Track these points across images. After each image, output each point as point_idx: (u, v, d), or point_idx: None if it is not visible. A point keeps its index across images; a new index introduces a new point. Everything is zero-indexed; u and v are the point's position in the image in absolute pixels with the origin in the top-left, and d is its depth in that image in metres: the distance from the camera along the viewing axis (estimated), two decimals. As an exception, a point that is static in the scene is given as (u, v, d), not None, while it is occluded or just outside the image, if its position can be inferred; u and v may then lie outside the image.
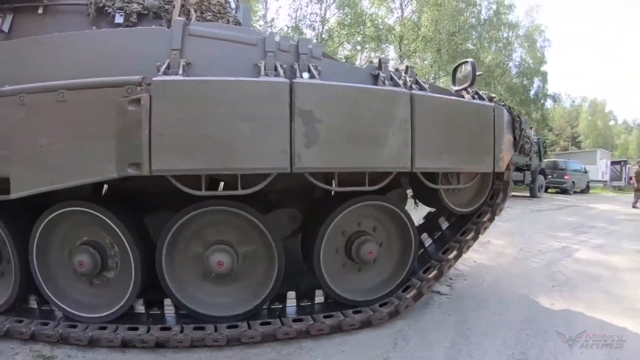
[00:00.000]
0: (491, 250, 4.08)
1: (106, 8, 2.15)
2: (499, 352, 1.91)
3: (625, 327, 2.25)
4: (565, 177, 14.23)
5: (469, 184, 2.22)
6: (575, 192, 15.08)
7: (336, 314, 1.94)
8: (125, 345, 1.68)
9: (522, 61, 20.09)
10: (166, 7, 2.21)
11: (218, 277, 1.85)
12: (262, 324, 1.82)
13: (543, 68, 20.24)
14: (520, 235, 5.10)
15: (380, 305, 2.08)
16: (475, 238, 2.42)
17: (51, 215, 1.77)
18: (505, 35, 19.45)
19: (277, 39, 1.76)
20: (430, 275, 2.23)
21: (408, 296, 2.13)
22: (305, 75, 1.62)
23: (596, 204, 11.39)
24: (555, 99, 22.49)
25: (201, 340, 1.68)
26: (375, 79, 1.93)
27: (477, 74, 2.08)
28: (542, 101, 20.41)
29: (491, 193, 2.42)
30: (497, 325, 2.22)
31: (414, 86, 1.91)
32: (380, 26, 17.67)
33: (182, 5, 2.22)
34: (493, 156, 2.11)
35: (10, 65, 1.78)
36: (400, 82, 1.89)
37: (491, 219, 2.45)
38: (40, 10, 2.21)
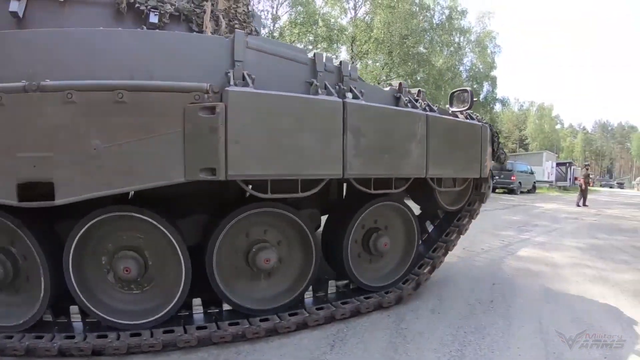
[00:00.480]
0: (435, 250, 4.34)
1: (138, 5, 2.26)
2: (436, 351, 2.01)
3: (561, 324, 2.45)
4: (512, 177, 16.13)
5: (462, 186, 2.79)
6: (522, 192, 17.20)
7: (272, 318, 2.06)
8: (63, 354, 1.72)
9: (472, 66, 22.12)
10: (197, 11, 2.39)
11: (262, 272, 2.14)
12: (198, 328, 1.90)
13: (493, 73, 22.47)
14: (464, 235, 5.41)
15: (386, 293, 2.54)
16: (457, 238, 3.01)
17: (94, 220, 1.80)
18: (456, 40, 21.16)
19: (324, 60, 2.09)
20: (425, 270, 2.76)
21: (409, 287, 2.64)
22: (349, 95, 2.00)
23: (541, 203, 12.84)
24: (504, 103, 24.87)
25: (137, 346, 1.75)
26: (396, 100, 2.39)
27: (474, 99, 2.70)
28: (491, 105, 22.57)
29: (469, 201, 3.03)
30: (436, 323, 2.35)
31: (427, 108, 2.43)
32: (333, 26, 18.42)
33: (211, 11, 2.46)
34: (480, 165, 2.74)
35: (50, 57, 1.71)
36: (418, 105, 2.39)
37: (469, 222, 3.06)
38: None
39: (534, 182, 19.17)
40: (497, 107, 24.44)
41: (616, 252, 5.00)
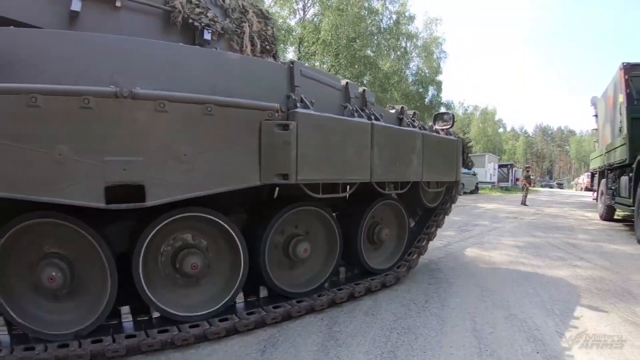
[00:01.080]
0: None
1: (191, 20, 2.67)
2: (367, 353, 2.10)
3: (495, 321, 2.60)
4: (456, 179, 18.27)
5: (442, 188, 3.71)
6: (465, 193, 19.22)
7: (202, 324, 2.18)
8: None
9: (418, 70, 24.18)
10: (237, 31, 2.90)
11: (299, 260, 2.72)
12: (127, 337, 1.97)
13: (438, 78, 24.71)
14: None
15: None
16: (428, 242, 3.85)
17: (168, 220, 2.11)
18: (403, 44, 22.95)
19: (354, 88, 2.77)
20: (403, 269, 3.50)
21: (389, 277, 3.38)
22: (372, 117, 2.74)
23: (483, 203, 14.26)
24: (448, 106, 27.03)
25: (65, 357, 1.80)
26: (399, 121, 3.17)
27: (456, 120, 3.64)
28: (436, 108, 24.46)
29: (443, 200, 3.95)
30: (369, 325, 2.46)
31: (420, 127, 3.26)
32: (280, 27, 18.95)
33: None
34: (456, 171, 3.67)
35: (135, 65, 1.94)
36: (416, 124, 3.21)
37: (435, 230, 3.92)
38: (118, 4, 2.47)
39: (477, 183, 21.51)
40: (442, 110, 26.90)
41: (552, 249, 5.48)
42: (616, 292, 3.49)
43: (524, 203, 14.36)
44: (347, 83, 2.75)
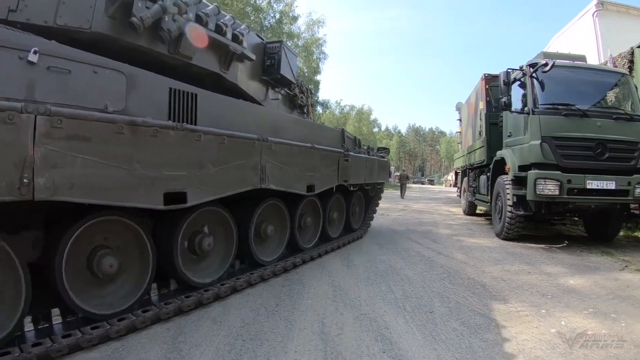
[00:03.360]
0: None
1: (299, 102, 6.34)
2: None
3: (344, 322, 2.83)
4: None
5: (381, 185, 8.26)
6: (337, 190, 23.67)
7: (44, 341, 2.29)
8: None
9: (298, 69, 28.28)
10: (305, 102, 6.71)
11: (332, 221, 6.61)
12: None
13: (317, 77, 28.17)
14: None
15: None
16: (372, 216, 8.24)
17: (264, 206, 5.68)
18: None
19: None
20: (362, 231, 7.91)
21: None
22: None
23: None
24: (325, 105, 31.12)
25: None
26: (368, 153, 7.39)
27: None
28: (312, 106, 28.97)
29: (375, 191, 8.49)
30: (215, 333, 2.63)
31: (377, 156, 7.77)
32: None
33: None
34: (388, 175, 8.38)
35: (313, 136, 5.33)
36: (377, 155, 7.71)
37: (372, 213, 8.39)
38: (277, 89, 5.91)
39: (351, 181, 26.87)
40: (319, 109, 30.87)
41: (413, 245, 6.23)
42: (470, 285, 3.80)
43: (402, 197, 19.39)
44: (355, 137, 7.00)
